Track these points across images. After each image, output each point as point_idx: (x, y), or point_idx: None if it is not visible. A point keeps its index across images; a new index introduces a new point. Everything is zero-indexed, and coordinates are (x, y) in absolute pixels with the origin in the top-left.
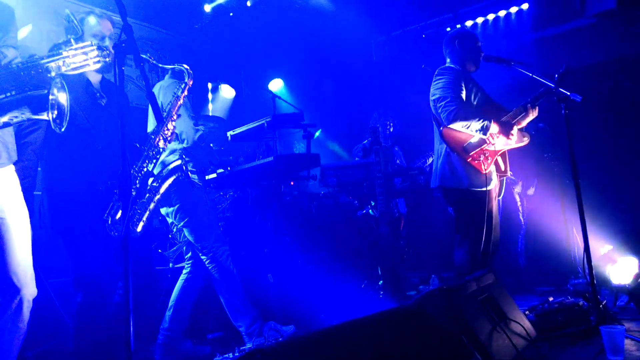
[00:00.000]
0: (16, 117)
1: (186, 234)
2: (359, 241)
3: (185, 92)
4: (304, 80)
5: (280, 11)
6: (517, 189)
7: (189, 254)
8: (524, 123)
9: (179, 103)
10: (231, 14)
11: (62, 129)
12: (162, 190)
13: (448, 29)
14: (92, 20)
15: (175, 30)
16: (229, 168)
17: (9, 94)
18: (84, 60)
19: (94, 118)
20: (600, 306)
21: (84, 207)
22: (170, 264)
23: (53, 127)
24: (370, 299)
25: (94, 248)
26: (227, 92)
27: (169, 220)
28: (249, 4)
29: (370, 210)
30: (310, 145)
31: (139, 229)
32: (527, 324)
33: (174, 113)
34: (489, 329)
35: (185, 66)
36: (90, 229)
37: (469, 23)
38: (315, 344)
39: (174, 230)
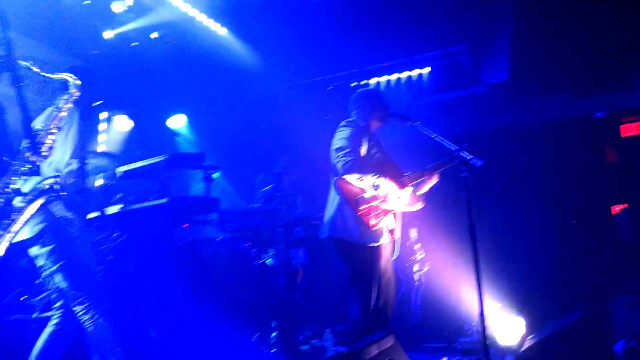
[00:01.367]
0: None
1: (59, 279)
2: (254, 291)
3: (69, 105)
4: (210, 119)
5: (188, 48)
6: (413, 242)
7: (60, 303)
8: (424, 189)
9: (59, 115)
10: (135, 44)
11: None
12: (27, 211)
13: (354, 83)
14: None
15: (71, 53)
16: (119, 207)
17: None
18: None
19: None
20: None
21: None
22: (35, 314)
23: None
24: (261, 354)
25: None
26: (122, 124)
27: (39, 262)
28: (154, 35)
29: (268, 260)
30: (209, 188)
31: (1, 252)
32: None
33: (52, 126)
34: None
35: (70, 76)
36: None
37: (373, 80)
38: None
39: (44, 274)
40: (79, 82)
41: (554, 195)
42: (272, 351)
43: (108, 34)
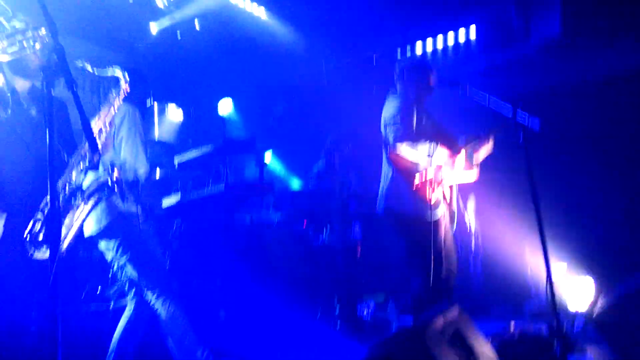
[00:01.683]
0: None
1: (129, 270)
2: (315, 270)
3: (120, 101)
4: (256, 102)
5: (231, 34)
6: (470, 211)
7: (132, 293)
8: (479, 158)
9: (112, 111)
10: (179, 37)
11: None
12: (87, 207)
13: (399, 52)
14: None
15: (119, 49)
16: (177, 197)
17: None
18: (19, 40)
19: (20, 130)
20: (564, 335)
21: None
22: (111, 304)
23: None
24: (326, 330)
25: (13, 275)
26: (174, 113)
27: (108, 256)
28: (196, 25)
29: (325, 238)
30: (263, 172)
31: (63, 248)
32: (493, 357)
33: (106, 122)
34: None
35: (121, 72)
36: (9, 256)
37: (418, 45)
38: None
39: (114, 267)
40: (128, 77)
41: (618, 154)
42: (336, 326)
43: (154, 28)
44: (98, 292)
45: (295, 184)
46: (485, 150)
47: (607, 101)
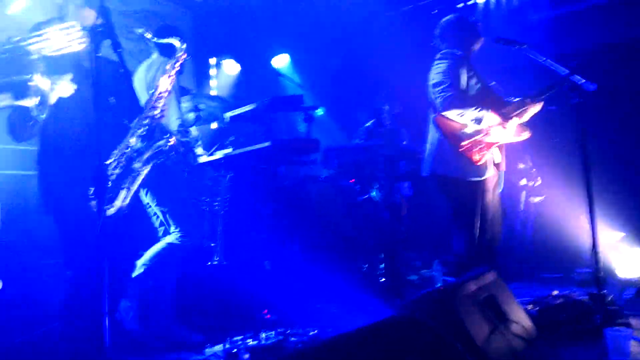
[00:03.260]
0: None
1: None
2: (360, 226)
3: (177, 68)
4: (311, 56)
5: None
6: (524, 171)
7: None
8: (527, 117)
9: (169, 80)
10: None
11: (43, 116)
12: (145, 171)
13: (460, 4)
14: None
15: (177, 3)
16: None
17: None
18: (68, 41)
19: (82, 95)
20: (607, 305)
21: (73, 186)
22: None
23: (33, 114)
24: (370, 283)
25: (83, 226)
26: (230, 68)
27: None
28: None
29: (372, 195)
30: (310, 129)
31: (125, 205)
32: (528, 324)
33: (163, 90)
34: (487, 333)
35: (178, 39)
36: (79, 208)
37: (481, 0)
38: None
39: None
40: (185, 45)
41: None
42: (380, 280)
43: None
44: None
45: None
46: (534, 110)
47: None
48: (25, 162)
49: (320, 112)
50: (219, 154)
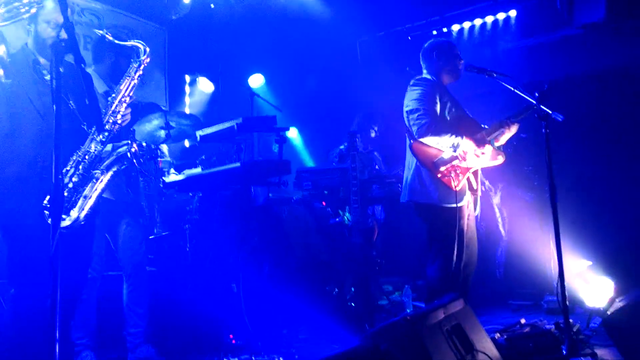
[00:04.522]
0: None
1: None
2: (331, 249)
3: (140, 72)
4: (286, 77)
5: (264, 6)
6: (496, 200)
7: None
8: (502, 140)
9: (132, 83)
10: (212, 6)
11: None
12: (105, 178)
13: (434, 32)
14: (49, 4)
15: (152, 20)
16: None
17: None
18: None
19: (42, 100)
20: (573, 335)
21: (23, 195)
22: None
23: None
24: (340, 308)
25: (33, 239)
26: (205, 86)
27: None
28: None
29: (344, 218)
30: (282, 150)
31: (82, 216)
32: (495, 355)
33: (126, 94)
34: None
35: (141, 43)
36: (28, 218)
37: (455, 27)
38: None
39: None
40: (148, 48)
41: None
42: (350, 305)
43: None
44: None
45: (317, 162)
46: (507, 134)
47: None
48: None
49: (291, 132)
50: (187, 173)
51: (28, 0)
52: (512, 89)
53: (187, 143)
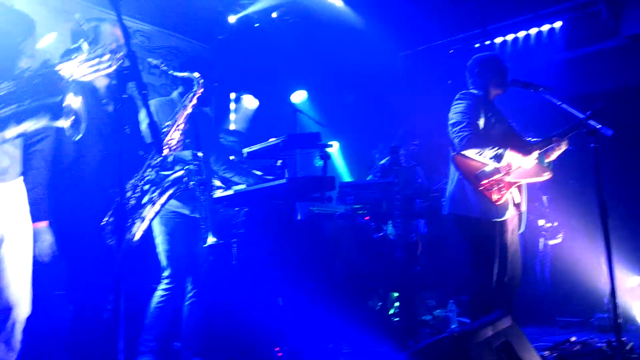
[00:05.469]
0: (32, 125)
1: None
2: (374, 264)
3: (194, 101)
4: (327, 92)
5: (306, 23)
6: (540, 222)
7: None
8: (553, 157)
9: (185, 112)
10: (257, 25)
11: (78, 137)
12: (162, 200)
13: (477, 45)
14: (106, 28)
15: (199, 40)
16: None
17: (25, 103)
18: (97, 64)
19: (99, 125)
20: (626, 353)
21: (82, 218)
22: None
23: (68, 134)
24: (383, 322)
25: (88, 257)
26: (249, 102)
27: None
28: (274, 15)
29: (387, 232)
30: (326, 166)
31: (136, 237)
32: None
33: (180, 122)
34: None
35: (196, 74)
36: (86, 238)
37: (498, 40)
38: None
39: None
40: (202, 80)
41: None
42: (394, 320)
43: (232, 19)
44: None
45: (357, 175)
46: (557, 151)
47: None
48: None
49: (335, 147)
50: (235, 189)
51: (108, 58)
52: (559, 103)
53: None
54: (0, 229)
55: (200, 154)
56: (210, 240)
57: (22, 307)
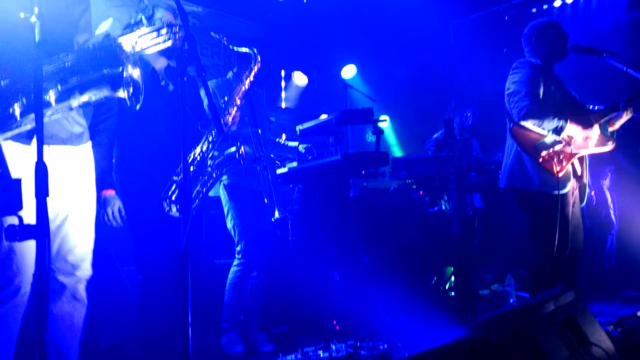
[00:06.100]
0: (95, 95)
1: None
2: (429, 238)
3: (251, 77)
4: (377, 65)
5: None
6: (607, 183)
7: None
8: (617, 125)
9: (242, 88)
10: (305, 0)
11: (138, 106)
12: (217, 174)
13: (534, 10)
14: (159, 13)
15: (249, 19)
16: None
17: (87, 74)
18: (156, 37)
19: (159, 104)
20: None
21: (145, 190)
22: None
23: (129, 104)
24: (439, 297)
25: (153, 230)
26: (299, 79)
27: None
28: None
29: (443, 207)
30: (379, 142)
31: (192, 209)
32: (610, 348)
33: (236, 98)
34: (565, 357)
35: (253, 50)
36: (150, 211)
37: (557, 3)
38: None
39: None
40: (259, 56)
41: None
42: (450, 294)
43: None
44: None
45: (409, 150)
46: (622, 120)
47: None
48: None
49: (385, 123)
50: (290, 166)
51: (165, 31)
52: (624, 69)
53: (284, 137)
54: (70, 191)
55: (259, 130)
56: (277, 214)
57: (84, 270)
